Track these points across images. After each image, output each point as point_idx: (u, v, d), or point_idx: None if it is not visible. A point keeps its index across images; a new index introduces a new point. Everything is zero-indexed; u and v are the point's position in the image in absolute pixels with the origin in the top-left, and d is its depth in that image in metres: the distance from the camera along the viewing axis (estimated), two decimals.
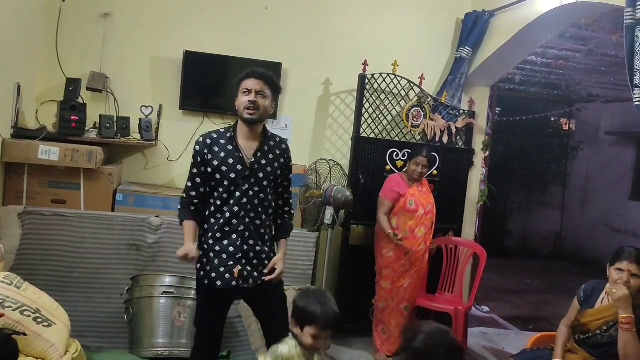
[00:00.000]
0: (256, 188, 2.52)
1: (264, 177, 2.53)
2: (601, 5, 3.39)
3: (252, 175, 2.51)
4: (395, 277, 3.99)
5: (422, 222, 4.01)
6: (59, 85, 3.78)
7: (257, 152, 2.53)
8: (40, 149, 3.42)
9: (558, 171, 9.50)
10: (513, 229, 9.78)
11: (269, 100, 2.51)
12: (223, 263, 2.51)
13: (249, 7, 4.29)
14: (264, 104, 2.48)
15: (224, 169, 2.48)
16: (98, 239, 3.49)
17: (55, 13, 3.87)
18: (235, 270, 2.49)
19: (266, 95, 2.49)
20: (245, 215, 2.51)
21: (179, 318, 3.19)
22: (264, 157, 2.55)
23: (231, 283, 2.50)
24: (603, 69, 6.80)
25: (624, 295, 2.58)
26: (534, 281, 7.62)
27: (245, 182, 2.49)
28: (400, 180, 4.03)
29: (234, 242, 2.50)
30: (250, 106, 2.45)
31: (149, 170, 4.16)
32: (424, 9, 4.68)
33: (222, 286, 2.50)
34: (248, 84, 2.48)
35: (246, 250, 2.52)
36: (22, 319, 2.46)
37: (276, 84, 2.56)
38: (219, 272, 2.51)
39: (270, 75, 2.52)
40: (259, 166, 2.52)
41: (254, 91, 2.46)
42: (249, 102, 2.45)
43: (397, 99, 4.48)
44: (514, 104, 8.29)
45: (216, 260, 2.51)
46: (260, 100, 2.47)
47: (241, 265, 2.50)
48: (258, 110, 2.46)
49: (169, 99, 4.14)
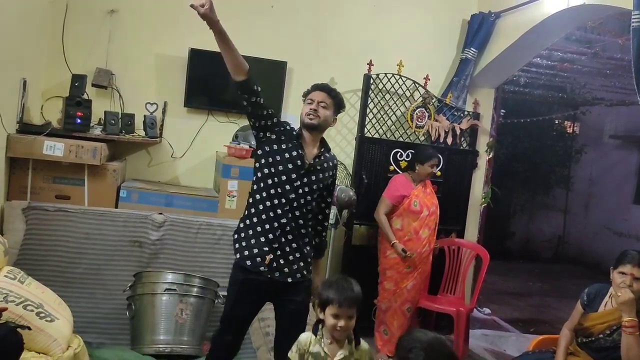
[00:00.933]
0: (307, 189, 2.56)
1: (316, 180, 2.60)
2: (608, 7, 3.38)
3: (307, 175, 2.57)
4: (399, 278, 3.99)
5: (426, 224, 3.99)
6: (65, 81, 3.79)
7: (316, 157, 2.61)
8: (45, 144, 3.43)
9: (562, 174, 9.48)
10: (516, 231, 9.77)
11: (329, 112, 2.61)
12: (258, 245, 2.53)
13: (255, 5, 4.29)
14: (324, 113, 2.59)
15: (286, 155, 2.54)
16: (101, 235, 3.49)
17: (62, 9, 3.88)
18: (267, 257, 2.51)
19: (327, 106, 2.61)
20: (290, 210, 2.53)
21: (181, 315, 3.19)
22: (320, 164, 2.63)
23: (259, 267, 2.51)
24: (608, 72, 6.78)
25: (628, 299, 2.57)
26: (536, 284, 7.61)
27: (299, 179, 2.54)
28: (405, 181, 4.03)
29: (274, 230, 2.53)
30: (311, 113, 2.57)
31: (153, 167, 4.17)
32: (430, 10, 4.68)
33: (250, 267, 2.52)
34: (313, 95, 2.62)
35: (283, 243, 2.54)
36: (25, 313, 2.47)
37: (339, 98, 2.68)
38: (252, 253, 2.53)
39: (335, 91, 2.66)
40: (314, 169, 2.59)
41: (316, 101, 2.59)
42: (311, 109, 2.58)
43: (402, 100, 4.48)
44: (518, 106, 8.27)
45: (253, 239, 2.55)
46: (321, 110, 2.58)
47: (274, 255, 2.52)
48: (318, 117, 2.57)
49: (173, 96, 4.14)
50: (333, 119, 2.66)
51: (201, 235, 3.62)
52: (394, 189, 4.02)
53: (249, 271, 2.53)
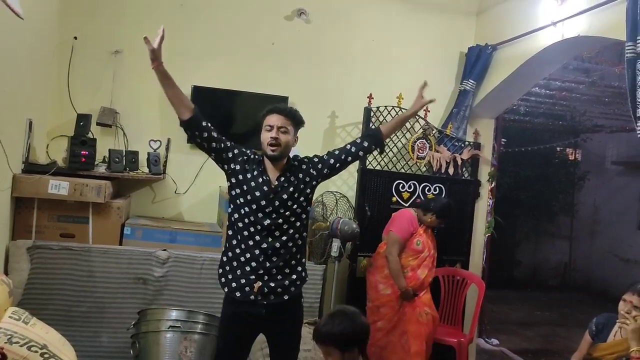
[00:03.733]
0: (281, 210, 2.55)
1: (288, 197, 2.56)
2: (602, 39, 3.44)
3: (277, 198, 2.54)
4: (392, 315, 3.83)
5: (425, 264, 3.90)
6: (70, 121, 3.85)
7: (280, 176, 2.59)
8: (50, 183, 3.45)
9: (565, 201, 9.47)
10: (521, 259, 9.70)
11: (290, 135, 2.57)
12: (244, 275, 2.53)
13: (256, 42, 4.38)
14: (285, 139, 2.54)
15: (252, 184, 2.54)
16: (105, 272, 3.50)
17: (68, 50, 3.97)
18: (256, 286, 2.50)
19: (288, 130, 2.56)
20: (269, 234, 2.53)
21: (186, 353, 3.16)
22: (287, 181, 2.59)
23: (250, 297, 2.51)
24: (607, 100, 6.86)
25: (636, 327, 2.56)
26: (544, 313, 7.53)
27: (269, 205, 2.52)
28: (413, 218, 3.95)
29: (258, 257, 2.52)
30: (273, 142, 2.52)
31: (157, 204, 4.19)
32: (428, 43, 4.76)
33: (240, 298, 2.51)
34: (270, 120, 2.56)
35: (269, 267, 2.53)
36: (29, 354, 2.45)
37: (298, 117, 2.62)
38: (239, 283, 2.52)
39: (291, 110, 2.61)
40: (282, 189, 2.56)
41: (275, 127, 2.53)
42: (271, 139, 2.52)
43: (403, 131, 4.52)
44: (519, 135, 8.32)
45: (238, 270, 2.54)
46: (282, 136, 2.53)
47: (262, 282, 2.51)
48: (280, 146, 2.53)
49: (177, 133, 4.14)
50: (295, 140, 2.63)
51: (205, 270, 3.61)
52: (407, 225, 3.89)
53: (240, 302, 2.53)
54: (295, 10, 4.42)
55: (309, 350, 3.60)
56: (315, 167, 2.66)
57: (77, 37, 3.99)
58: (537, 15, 3.95)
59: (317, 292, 3.89)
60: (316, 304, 3.90)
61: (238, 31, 4.34)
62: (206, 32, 4.28)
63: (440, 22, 4.78)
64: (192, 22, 4.25)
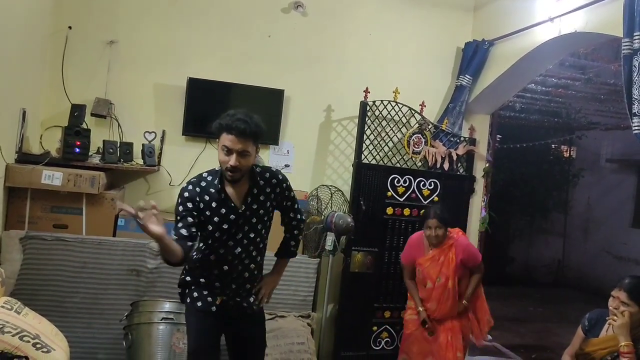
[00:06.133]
0: (251, 234, 2.45)
1: (257, 220, 2.46)
2: (599, 35, 3.44)
3: (245, 223, 2.43)
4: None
5: (433, 296, 3.59)
6: (64, 111, 3.83)
7: (246, 197, 2.41)
8: (43, 173, 3.44)
9: (559, 198, 9.51)
10: (515, 256, 9.74)
11: (252, 156, 2.33)
12: (208, 292, 2.49)
13: (252, 35, 4.36)
14: (246, 163, 2.31)
15: (216, 219, 2.37)
16: (99, 264, 3.49)
17: (62, 40, 3.94)
18: (219, 299, 2.48)
19: (249, 152, 2.30)
20: (239, 262, 2.47)
21: (178, 345, 3.16)
22: (255, 201, 2.43)
23: (211, 308, 2.48)
24: (602, 97, 6.87)
25: (622, 323, 2.60)
26: (537, 309, 7.57)
27: (239, 230, 2.42)
28: (417, 242, 3.74)
29: (222, 279, 2.48)
30: (231, 170, 2.29)
31: (151, 196, 4.16)
32: (425, 38, 4.75)
33: (201, 307, 2.48)
34: (228, 142, 2.26)
35: (234, 289, 2.51)
36: (21, 344, 2.44)
37: (259, 133, 2.32)
38: (203, 295, 2.49)
39: (252, 128, 2.27)
40: (250, 212, 2.43)
41: (235, 153, 2.26)
42: (231, 167, 2.27)
43: (398, 126, 4.52)
44: (514, 131, 8.34)
45: (205, 290, 2.49)
46: (243, 161, 2.29)
47: (226, 296, 2.49)
48: (240, 171, 2.31)
49: (172, 124, 4.18)
50: (255, 155, 2.38)
51: None
52: (406, 249, 3.80)
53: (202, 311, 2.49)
54: (291, 3, 4.40)
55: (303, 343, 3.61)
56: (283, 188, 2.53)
57: (71, 26, 3.96)
58: (534, 11, 3.94)
59: (311, 286, 3.90)
60: (310, 298, 3.91)
61: (234, 23, 4.32)
62: (202, 23, 4.25)
63: (438, 17, 4.77)
64: (188, 13, 4.22)
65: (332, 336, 4.24)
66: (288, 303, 3.80)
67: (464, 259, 3.58)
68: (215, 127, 2.30)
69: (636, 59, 2.84)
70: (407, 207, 4.41)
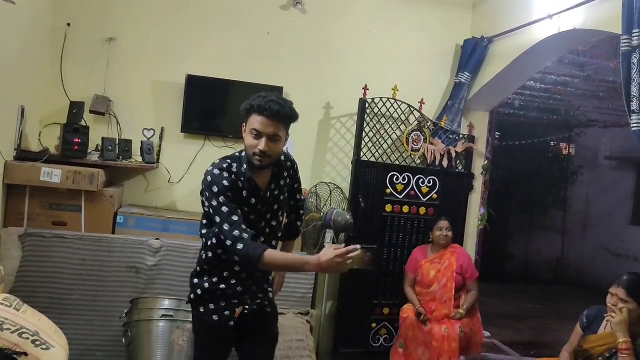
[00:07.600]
0: (273, 222, 2.33)
1: (279, 207, 2.35)
2: (598, 32, 3.44)
3: (268, 210, 2.31)
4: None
5: (437, 297, 3.97)
6: (63, 108, 3.83)
7: (269, 184, 2.29)
8: (42, 170, 3.44)
9: (558, 195, 9.51)
10: (514, 253, 9.75)
11: (282, 142, 2.17)
12: (227, 302, 2.31)
13: (251, 32, 4.35)
14: (277, 149, 2.16)
15: (245, 209, 2.20)
16: (98, 260, 3.49)
17: (61, 37, 3.93)
18: (237, 310, 2.31)
19: (280, 137, 2.14)
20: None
21: (178, 342, 3.16)
22: (277, 187, 2.33)
23: (229, 322, 2.31)
24: (601, 94, 6.87)
25: (620, 320, 2.60)
26: (535, 306, 7.58)
27: (262, 219, 2.28)
28: (421, 251, 4.17)
29: (243, 282, 2.30)
30: (261, 154, 2.13)
31: (150, 193, 4.17)
32: (424, 35, 4.74)
33: (217, 322, 2.30)
34: (259, 124, 2.10)
35: (254, 291, 2.37)
36: (20, 341, 2.44)
37: (293, 116, 2.18)
38: (220, 308, 2.30)
39: (286, 111, 2.12)
40: (273, 198, 2.31)
41: (265, 137, 2.11)
42: (260, 151, 2.12)
43: (397, 123, 4.52)
44: (513, 128, 8.34)
45: (222, 302, 2.30)
46: (273, 146, 2.13)
47: (245, 305, 2.34)
48: (269, 157, 2.15)
49: (170, 121, 4.17)
50: (285, 142, 2.22)
51: None
52: (410, 260, 4.18)
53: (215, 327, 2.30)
54: (290, 0, 4.39)
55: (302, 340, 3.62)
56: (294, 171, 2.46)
57: (70, 23, 3.95)
58: (533, 8, 3.94)
59: (310, 282, 3.90)
60: (309, 295, 3.91)
61: (233, 20, 4.31)
62: (201, 20, 4.24)
63: (436, 14, 4.76)
64: (187, 10, 4.22)
65: (331, 333, 4.25)
66: (287, 300, 3.80)
67: (463, 265, 4.03)
68: (244, 108, 2.15)
69: (635, 56, 2.84)
70: (405, 204, 4.42)
